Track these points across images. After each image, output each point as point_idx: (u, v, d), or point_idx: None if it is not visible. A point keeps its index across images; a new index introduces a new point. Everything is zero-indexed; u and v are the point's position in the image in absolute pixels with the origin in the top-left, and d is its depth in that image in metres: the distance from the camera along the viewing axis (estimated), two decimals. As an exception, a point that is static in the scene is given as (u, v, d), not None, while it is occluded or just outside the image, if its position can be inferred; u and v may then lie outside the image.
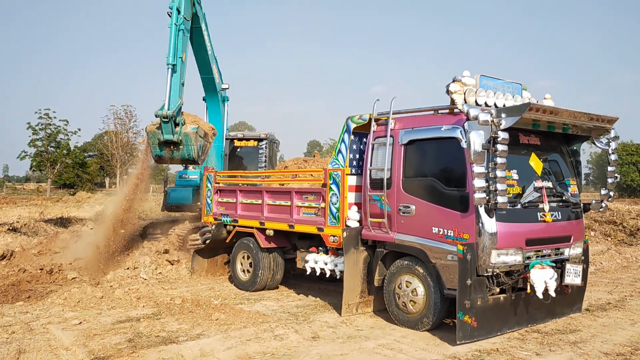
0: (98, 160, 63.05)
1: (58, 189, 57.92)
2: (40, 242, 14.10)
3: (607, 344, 6.56)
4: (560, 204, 7.19)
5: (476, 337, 6.44)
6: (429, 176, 7.04)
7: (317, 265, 8.58)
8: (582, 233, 7.53)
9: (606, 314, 8.05)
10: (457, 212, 6.62)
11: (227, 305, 8.35)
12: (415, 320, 7.08)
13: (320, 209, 8.30)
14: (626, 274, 11.81)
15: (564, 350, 6.29)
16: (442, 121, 6.97)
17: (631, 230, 15.91)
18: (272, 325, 7.18)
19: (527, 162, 7.01)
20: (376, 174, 7.61)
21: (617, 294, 9.52)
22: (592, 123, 7.10)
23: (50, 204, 33.03)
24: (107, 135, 57.62)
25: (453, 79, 6.86)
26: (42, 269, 10.95)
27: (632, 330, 7.20)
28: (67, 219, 19.68)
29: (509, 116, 6.26)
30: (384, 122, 7.66)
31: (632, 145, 46.85)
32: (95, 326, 7.09)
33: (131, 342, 6.38)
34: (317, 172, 8.79)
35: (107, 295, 8.69)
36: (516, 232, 6.60)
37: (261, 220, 9.37)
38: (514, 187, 6.69)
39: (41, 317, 7.55)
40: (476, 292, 6.40)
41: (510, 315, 6.84)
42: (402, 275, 7.26)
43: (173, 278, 10.59)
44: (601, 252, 14.32)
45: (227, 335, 6.72)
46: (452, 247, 6.56)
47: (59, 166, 51.92)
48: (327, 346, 6.39)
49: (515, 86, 7.47)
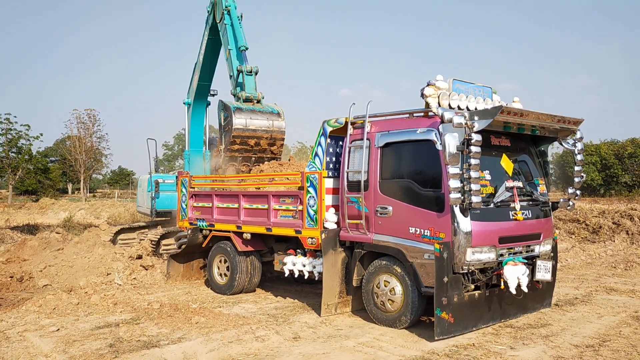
0: (60, 165, 61.70)
1: (19, 195, 56.47)
2: (8, 249, 13.82)
3: (576, 337, 6.85)
4: (530, 202, 7.47)
5: (453, 333, 6.65)
6: (406, 178, 7.22)
7: (296, 267, 8.67)
8: (551, 231, 7.83)
9: (574, 309, 8.38)
10: (433, 212, 6.82)
11: (206, 308, 8.37)
12: (393, 318, 7.25)
13: (297, 211, 8.40)
14: (590, 270, 12.27)
15: (536, 344, 6.54)
16: (417, 124, 7.17)
17: (594, 228, 16.48)
18: (253, 327, 7.24)
19: (498, 163, 7.25)
20: (353, 176, 7.76)
21: (584, 290, 9.90)
22: (559, 125, 7.40)
23: (13, 211, 32.29)
24: (70, 140, 56.41)
25: (427, 83, 7.07)
26: (12, 277, 10.75)
27: (599, 324, 7.53)
28: (34, 225, 19.28)
29: (481, 119, 6.50)
30: (360, 126, 7.82)
31: (592, 146, 48.32)
32: (73, 332, 7.04)
33: (112, 347, 6.36)
34: (294, 175, 8.89)
35: (83, 302, 8.60)
36: (490, 230, 6.83)
37: (238, 224, 9.41)
38: (486, 187, 6.92)
39: (17, 324, 7.44)
40: (452, 289, 6.60)
41: (485, 311, 7.07)
42: (380, 275, 7.42)
43: (148, 283, 10.53)
44: (566, 250, 14.83)
45: (209, 338, 6.76)
46: (428, 246, 6.75)
47: (21, 172, 50.62)
48: (309, 346, 6.49)
49: (485, 90, 7.75)
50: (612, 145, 48.81)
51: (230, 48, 12.43)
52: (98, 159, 59.60)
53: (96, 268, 11.18)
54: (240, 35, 12.54)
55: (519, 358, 6.00)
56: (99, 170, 65.57)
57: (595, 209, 18.75)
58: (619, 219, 16.41)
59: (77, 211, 28.34)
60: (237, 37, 12.55)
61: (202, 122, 14.70)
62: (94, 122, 55.30)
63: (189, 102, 14.74)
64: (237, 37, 12.55)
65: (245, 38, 12.59)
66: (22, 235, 16.69)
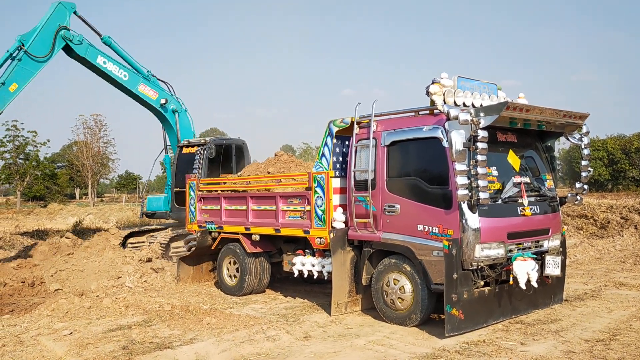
0: (68, 171, 62.06)
1: (27, 201, 56.83)
2: (19, 255, 13.92)
3: (586, 332, 6.85)
4: (538, 198, 7.48)
5: (463, 329, 6.67)
6: (412, 176, 7.25)
7: (305, 267, 8.72)
8: (560, 226, 7.84)
9: (584, 304, 8.38)
10: (441, 209, 6.85)
11: (217, 309, 8.43)
12: (403, 316, 7.28)
13: (305, 212, 8.44)
14: (599, 265, 12.25)
15: (546, 339, 6.56)
16: (423, 122, 7.20)
17: (602, 223, 16.42)
18: (264, 327, 7.30)
19: (505, 159, 7.28)
20: (360, 175, 7.80)
21: (593, 285, 9.90)
22: (564, 119, 7.42)
23: (22, 217, 32.51)
24: (77, 145, 56.76)
25: (432, 81, 7.09)
26: (23, 282, 10.83)
27: (609, 318, 7.53)
28: (43, 231, 19.43)
29: (487, 115, 6.52)
30: (366, 125, 7.85)
31: (599, 141, 48.24)
32: (87, 335, 7.10)
33: (126, 350, 6.43)
34: (301, 175, 8.94)
35: (95, 305, 8.67)
36: (498, 226, 6.85)
37: (247, 226, 9.47)
38: (494, 183, 6.95)
39: (30, 329, 7.52)
40: (462, 286, 6.63)
41: (495, 307, 7.09)
42: (390, 273, 7.45)
43: (159, 286, 10.60)
44: (575, 245, 14.79)
45: (220, 339, 6.81)
46: (437, 243, 6.78)
47: (29, 178, 50.97)
48: (320, 345, 6.53)
49: (490, 86, 7.76)
50: (618, 140, 48.69)
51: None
52: (105, 163, 59.95)
53: (107, 272, 11.26)
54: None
55: (530, 353, 6.01)
56: (106, 175, 65.96)
57: (603, 204, 18.67)
58: (627, 214, 16.35)
59: (86, 216, 28.47)
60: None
61: (173, 130, 15.19)
62: (101, 127, 55.75)
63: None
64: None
65: None
66: (32, 241, 16.83)
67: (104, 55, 14.16)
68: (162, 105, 14.83)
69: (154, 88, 14.78)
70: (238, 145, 14.69)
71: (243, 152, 14.71)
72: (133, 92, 14.52)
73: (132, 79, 14.49)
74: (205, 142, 14.03)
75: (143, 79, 14.65)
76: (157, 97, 14.79)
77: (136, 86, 14.49)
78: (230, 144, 14.58)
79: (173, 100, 15.04)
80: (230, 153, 14.37)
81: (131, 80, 14.46)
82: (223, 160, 14.14)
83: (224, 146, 14.27)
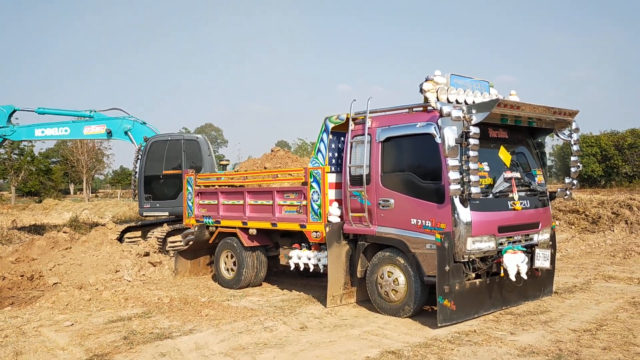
0: (62, 166, 61.93)
1: (21, 197, 56.72)
2: (17, 249, 14.01)
3: (575, 322, 7.07)
4: (528, 193, 7.68)
5: (455, 320, 6.88)
6: (406, 171, 7.44)
7: (301, 260, 8.90)
8: (549, 220, 8.04)
9: (573, 296, 8.59)
10: (433, 203, 7.04)
11: (215, 302, 8.61)
12: (397, 307, 7.47)
13: (302, 206, 8.62)
14: (590, 259, 12.49)
15: (535, 329, 6.76)
16: (417, 118, 7.38)
17: (593, 219, 16.67)
18: (261, 319, 7.48)
19: (496, 155, 7.47)
20: (355, 170, 7.98)
21: (582, 278, 10.12)
22: (555, 116, 7.61)
23: (17, 212, 32.52)
24: (72, 141, 56.65)
25: (426, 78, 7.27)
26: (22, 276, 10.95)
27: (597, 309, 7.74)
28: (40, 226, 19.51)
29: (479, 112, 6.70)
30: (361, 121, 8.03)
31: (592, 137, 48.45)
32: (87, 327, 7.26)
33: (127, 340, 6.59)
34: (297, 171, 9.11)
35: (95, 298, 8.83)
36: (489, 220, 7.05)
37: (244, 220, 9.63)
38: (485, 179, 7.14)
39: (32, 320, 7.67)
40: (454, 278, 6.83)
41: (486, 298, 7.30)
42: (384, 266, 7.65)
43: (157, 279, 10.76)
44: (566, 240, 15.04)
45: (219, 329, 6.99)
46: (430, 236, 6.98)
47: (23, 174, 50.87)
48: (316, 335, 6.72)
49: (483, 84, 7.95)
50: (612, 137, 48.92)
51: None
52: (100, 159, 59.86)
53: (105, 265, 11.38)
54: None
55: (519, 343, 6.21)
56: (101, 170, 65.87)
57: (595, 199, 18.95)
58: (618, 209, 16.60)
59: (81, 211, 28.58)
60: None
61: (137, 139, 16.02)
62: (95, 123, 55.43)
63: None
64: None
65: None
66: (29, 235, 16.92)
67: (40, 126, 16.39)
68: (110, 133, 16.04)
69: (99, 123, 16.18)
70: (190, 140, 14.66)
71: (199, 147, 14.56)
72: (82, 137, 16.61)
73: (75, 129, 16.30)
74: (146, 139, 14.88)
75: (86, 122, 16.22)
76: (105, 129, 16.07)
77: (80, 132, 16.33)
78: (178, 139, 14.66)
79: (125, 121, 15.90)
80: (177, 149, 14.42)
81: (74, 131, 16.38)
82: (168, 157, 14.41)
83: (169, 142, 14.55)
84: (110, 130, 15.84)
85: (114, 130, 15.83)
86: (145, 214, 14.75)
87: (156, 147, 14.36)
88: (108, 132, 15.90)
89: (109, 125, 15.91)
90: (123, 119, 15.94)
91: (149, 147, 14.33)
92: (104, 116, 16.33)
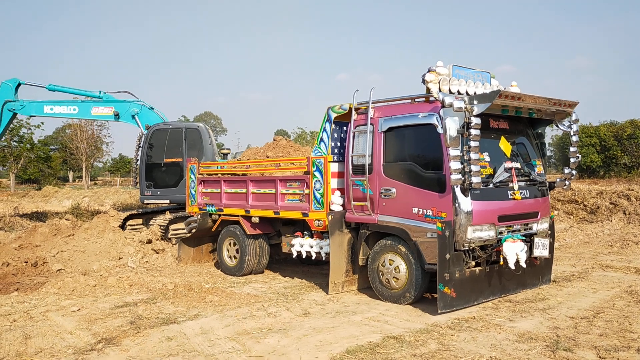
0: (61, 154, 61.93)
1: (20, 184, 56.77)
2: (19, 236, 14.12)
3: (572, 310, 7.21)
4: (528, 183, 7.79)
5: (455, 307, 7.02)
6: (408, 161, 7.54)
7: (303, 248, 9.02)
8: (548, 209, 8.16)
9: (571, 284, 8.74)
10: (435, 193, 7.15)
11: (219, 288, 8.74)
12: (398, 295, 7.61)
13: (304, 195, 8.73)
14: (588, 249, 12.64)
15: (534, 316, 6.91)
16: (419, 109, 7.47)
17: (591, 209, 16.81)
18: (265, 305, 7.62)
19: (497, 145, 7.57)
20: (358, 160, 8.08)
21: (580, 267, 10.27)
22: (555, 107, 7.70)
23: (17, 199, 32.58)
24: (71, 128, 56.60)
25: (428, 69, 7.36)
26: (26, 262, 11.07)
27: (594, 297, 7.89)
28: (42, 213, 19.61)
29: (480, 103, 6.79)
30: (364, 111, 8.12)
31: (591, 128, 48.47)
32: (94, 312, 7.40)
33: (133, 324, 6.73)
34: (300, 160, 9.21)
35: (100, 284, 8.96)
36: (489, 209, 7.16)
37: (246, 209, 9.74)
38: (486, 169, 7.24)
39: (39, 305, 7.80)
40: (454, 266, 6.96)
41: (485, 286, 7.43)
42: (385, 254, 7.77)
43: (160, 266, 10.90)
44: (564, 230, 15.18)
45: (224, 315, 7.13)
46: (431, 225, 7.09)
47: (23, 161, 50.88)
48: (319, 321, 6.86)
49: (484, 75, 8.04)
50: (611, 127, 48.92)
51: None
52: (99, 146, 59.86)
53: (108, 252, 11.53)
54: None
55: (517, 329, 6.35)
56: (100, 158, 65.89)
57: (594, 189, 19.05)
58: (616, 199, 16.74)
59: (81, 199, 28.63)
60: None
61: (142, 124, 16.19)
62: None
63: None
64: None
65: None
66: (31, 222, 17.04)
67: (49, 103, 16.23)
68: (117, 116, 16.09)
69: (107, 105, 16.19)
70: (191, 128, 14.74)
71: (200, 136, 14.60)
72: (89, 117, 16.63)
73: (83, 109, 16.30)
74: (148, 127, 14.98)
75: (95, 102, 16.22)
76: (112, 111, 16.10)
77: (89, 112, 16.38)
78: (180, 127, 14.74)
79: (133, 105, 15.92)
80: (178, 137, 14.49)
81: (82, 111, 16.37)
82: (170, 145, 14.49)
83: (170, 130, 14.62)
84: (118, 112, 15.93)
85: (121, 113, 15.92)
86: (146, 202, 14.88)
87: (157, 135, 14.48)
88: (115, 115, 15.97)
89: (117, 107, 16.00)
90: (132, 102, 16.01)
91: (150, 135, 14.47)
92: (112, 98, 16.37)
